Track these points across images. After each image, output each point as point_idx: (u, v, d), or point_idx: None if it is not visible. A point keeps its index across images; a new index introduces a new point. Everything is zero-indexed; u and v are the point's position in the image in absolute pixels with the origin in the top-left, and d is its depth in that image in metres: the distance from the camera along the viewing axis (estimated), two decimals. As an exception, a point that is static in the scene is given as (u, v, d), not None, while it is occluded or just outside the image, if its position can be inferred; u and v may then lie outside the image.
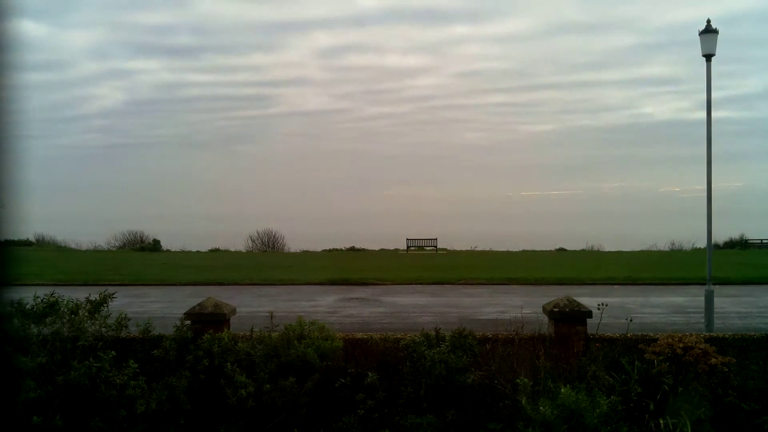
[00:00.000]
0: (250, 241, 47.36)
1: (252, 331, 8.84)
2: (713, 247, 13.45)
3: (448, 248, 41.56)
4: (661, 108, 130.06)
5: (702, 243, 27.02)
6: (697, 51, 12.60)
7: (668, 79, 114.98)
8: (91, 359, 7.65)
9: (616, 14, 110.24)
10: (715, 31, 12.40)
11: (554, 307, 9.13)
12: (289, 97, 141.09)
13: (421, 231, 47.97)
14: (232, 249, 42.80)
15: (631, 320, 9.49)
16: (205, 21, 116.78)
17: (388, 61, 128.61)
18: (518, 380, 7.43)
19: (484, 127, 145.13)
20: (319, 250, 42.38)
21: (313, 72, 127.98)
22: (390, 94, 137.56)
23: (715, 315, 12.38)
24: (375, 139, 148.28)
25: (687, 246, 40.44)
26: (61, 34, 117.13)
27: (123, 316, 8.84)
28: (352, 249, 42.57)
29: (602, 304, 9.02)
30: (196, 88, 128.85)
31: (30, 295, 8.35)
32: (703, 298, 12.50)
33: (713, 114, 12.61)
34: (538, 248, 41.09)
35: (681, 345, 8.33)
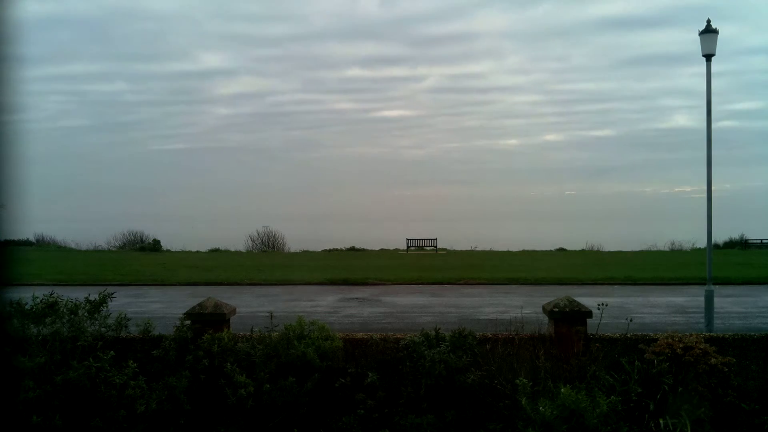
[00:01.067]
0: (250, 241, 47.36)
1: (252, 331, 8.83)
2: (713, 247, 13.46)
3: (448, 248, 41.57)
4: (684, 117, 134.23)
5: (702, 243, 27.02)
6: (737, 76, 12.61)
7: (698, 93, 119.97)
8: (91, 359, 7.64)
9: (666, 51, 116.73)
10: (715, 31, 12.40)
11: (554, 307, 9.12)
12: (378, 111, 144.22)
13: (422, 231, 47.97)
14: (232, 249, 42.80)
15: (631, 320, 9.48)
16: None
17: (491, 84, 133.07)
18: (518, 380, 7.41)
19: (518, 134, 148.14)
20: (319, 250, 42.37)
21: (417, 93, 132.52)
22: (466, 107, 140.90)
23: (715, 315, 12.38)
24: (415, 143, 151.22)
25: (687, 246, 40.46)
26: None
27: (123, 316, 8.84)
28: (352, 249, 42.55)
29: (602, 304, 9.02)
30: (308, 104, 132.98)
31: (29, 295, 8.35)
32: (703, 298, 12.50)
33: (740, 121, 12.71)
34: (538, 248, 41.10)
35: (681, 345, 8.32)
